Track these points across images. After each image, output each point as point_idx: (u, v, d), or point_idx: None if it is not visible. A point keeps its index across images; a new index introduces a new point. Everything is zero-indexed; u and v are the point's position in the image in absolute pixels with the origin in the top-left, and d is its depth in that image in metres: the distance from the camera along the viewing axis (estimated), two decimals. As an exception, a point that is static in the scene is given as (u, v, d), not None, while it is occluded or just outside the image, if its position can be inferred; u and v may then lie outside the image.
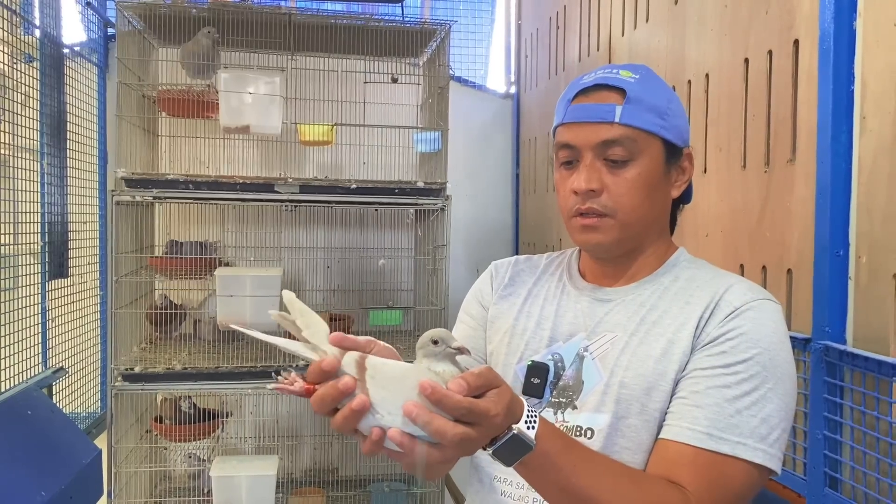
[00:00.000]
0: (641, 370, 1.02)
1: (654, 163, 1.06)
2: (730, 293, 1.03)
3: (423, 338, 0.84)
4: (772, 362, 0.98)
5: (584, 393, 1.06)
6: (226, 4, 2.74)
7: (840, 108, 1.35)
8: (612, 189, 1.05)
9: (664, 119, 1.06)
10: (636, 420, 1.01)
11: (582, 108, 1.07)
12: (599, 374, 1.06)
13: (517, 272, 1.26)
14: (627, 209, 1.06)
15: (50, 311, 2.52)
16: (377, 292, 3.27)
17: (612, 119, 1.04)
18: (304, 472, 3.23)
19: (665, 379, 1.01)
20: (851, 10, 1.34)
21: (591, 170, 1.06)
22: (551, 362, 1.11)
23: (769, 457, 0.96)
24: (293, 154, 3.10)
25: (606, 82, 1.07)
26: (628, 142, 1.04)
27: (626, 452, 1.01)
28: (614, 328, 1.08)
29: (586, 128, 1.06)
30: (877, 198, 1.28)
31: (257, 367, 2.63)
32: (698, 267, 1.14)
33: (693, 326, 1.02)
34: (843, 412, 1.34)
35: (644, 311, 1.08)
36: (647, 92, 1.06)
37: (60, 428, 2.14)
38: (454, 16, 3.53)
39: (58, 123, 2.57)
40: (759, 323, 1.00)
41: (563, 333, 1.13)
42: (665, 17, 2.05)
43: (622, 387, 1.03)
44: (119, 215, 2.60)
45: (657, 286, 1.11)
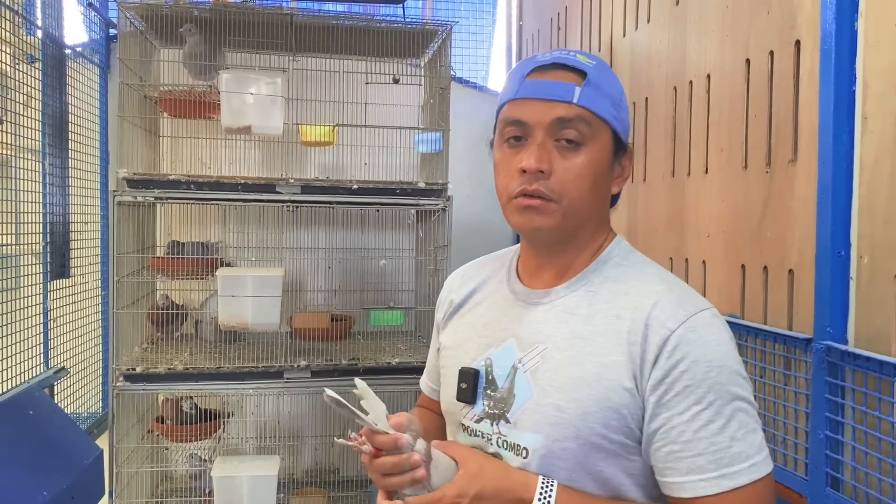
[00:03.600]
0: (576, 395, 0.99)
1: (603, 152, 1.03)
2: (659, 310, 0.98)
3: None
4: (729, 373, 0.96)
5: (516, 407, 1.04)
6: (227, 5, 2.74)
7: (842, 109, 1.35)
8: (560, 173, 1.00)
9: (617, 110, 1.03)
10: (572, 444, 0.99)
11: (538, 84, 1.02)
12: (530, 390, 1.03)
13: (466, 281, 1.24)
14: (574, 196, 1.01)
15: (52, 312, 2.52)
16: (378, 293, 3.27)
17: (570, 98, 1.00)
18: (305, 473, 3.24)
19: (600, 406, 0.98)
20: (853, 11, 1.34)
21: (542, 149, 1.00)
22: (483, 367, 1.10)
23: (769, 459, 0.97)
24: (295, 155, 3.11)
25: (566, 62, 1.03)
26: (583, 124, 1.00)
27: (561, 472, 1.00)
28: (546, 339, 1.05)
29: (541, 104, 1.01)
30: (878, 198, 1.29)
31: (259, 367, 2.64)
32: (629, 264, 1.08)
33: (626, 352, 0.98)
34: (845, 412, 1.34)
35: (573, 322, 1.04)
36: (605, 80, 1.03)
37: (62, 428, 2.15)
38: (455, 16, 3.52)
39: (60, 124, 2.57)
40: (703, 343, 0.96)
41: (497, 339, 1.10)
42: (666, 18, 2.05)
43: (557, 410, 1.00)
44: (121, 216, 2.60)
45: (586, 289, 1.06)
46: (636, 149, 2.24)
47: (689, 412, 0.95)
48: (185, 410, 2.75)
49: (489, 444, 1.06)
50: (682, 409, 0.95)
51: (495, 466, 1.01)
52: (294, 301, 3.13)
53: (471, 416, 1.09)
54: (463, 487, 0.98)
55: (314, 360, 2.69)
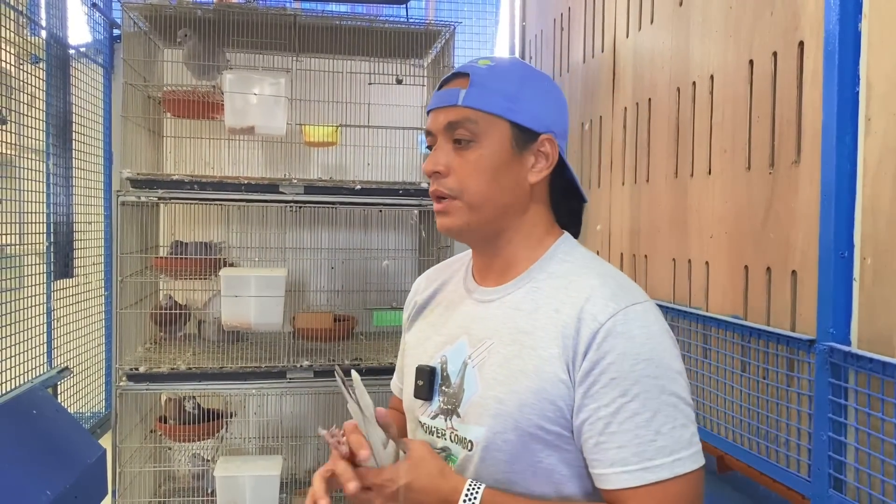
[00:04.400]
0: (515, 387, 1.02)
1: (500, 144, 1.07)
2: (591, 304, 1.01)
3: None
4: (659, 368, 0.97)
5: (465, 402, 1.07)
6: (231, 5, 2.75)
7: (845, 110, 1.35)
8: (457, 170, 1.07)
9: (513, 102, 1.07)
10: (511, 435, 1.01)
11: (437, 95, 1.11)
12: (476, 384, 1.06)
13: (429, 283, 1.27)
14: (472, 190, 1.07)
15: (55, 311, 2.52)
16: (381, 293, 3.28)
17: (455, 102, 1.07)
18: (307, 473, 3.24)
19: (537, 397, 1.00)
20: (857, 12, 1.34)
21: (440, 152, 1.09)
22: (438, 364, 1.13)
23: (698, 456, 0.98)
24: (298, 155, 3.11)
25: (460, 70, 1.11)
26: (470, 123, 1.06)
27: (502, 464, 1.03)
28: (492, 335, 1.08)
29: (437, 113, 1.10)
30: (882, 199, 1.28)
31: (261, 367, 2.64)
32: (572, 260, 1.11)
33: (560, 345, 1.01)
34: (848, 414, 1.34)
35: (518, 318, 1.07)
36: (496, 77, 1.08)
37: (65, 427, 2.15)
38: (458, 17, 3.53)
39: (63, 124, 2.58)
40: (631, 336, 0.98)
41: (452, 336, 1.14)
42: (669, 19, 2.05)
43: (498, 402, 1.03)
44: (124, 216, 2.61)
45: (532, 285, 1.09)
46: (639, 149, 2.24)
47: (615, 404, 0.97)
48: (187, 410, 2.75)
49: (441, 439, 1.09)
50: (607, 401, 0.97)
51: (434, 465, 1.03)
52: (297, 301, 3.14)
53: (428, 412, 1.12)
54: (396, 474, 1.00)
55: (317, 361, 2.69)
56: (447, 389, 1.10)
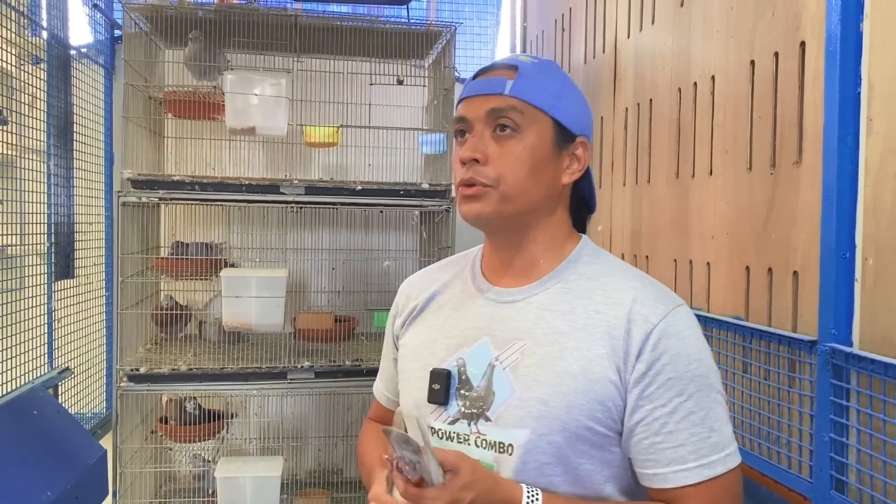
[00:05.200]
0: (561, 388, 1.01)
1: (541, 139, 1.06)
2: (640, 305, 1.02)
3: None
4: (707, 367, 1.01)
5: (497, 405, 1.04)
6: (232, 6, 2.75)
7: (847, 110, 1.34)
8: (496, 160, 1.05)
9: (557, 100, 1.07)
10: (558, 436, 1.00)
11: (478, 83, 1.09)
12: (512, 386, 1.04)
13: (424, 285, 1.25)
14: (510, 181, 1.05)
15: (56, 312, 2.53)
16: (382, 294, 3.27)
17: (502, 90, 1.06)
18: (308, 474, 3.24)
19: (586, 398, 1.00)
20: (858, 12, 1.33)
21: (479, 139, 1.07)
22: (455, 367, 1.10)
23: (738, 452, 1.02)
24: (299, 155, 3.11)
25: (504, 62, 1.11)
26: (515, 112, 1.05)
27: (543, 467, 1.02)
28: (523, 336, 1.06)
29: (478, 99, 1.08)
30: (883, 200, 1.28)
31: (262, 368, 2.64)
32: (601, 262, 1.12)
33: (608, 346, 1.01)
34: (850, 415, 1.34)
35: (552, 318, 1.06)
36: (541, 74, 1.08)
37: (66, 428, 2.15)
38: (460, 17, 3.53)
39: (64, 125, 2.58)
40: (681, 337, 1.01)
41: (469, 338, 1.11)
42: (671, 20, 2.05)
43: (542, 404, 1.01)
44: (125, 216, 2.61)
45: (561, 286, 1.09)
46: (640, 150, 2.24)
47: (671, 404, 0.99)
48: (188, 411, 2.75)
49: (463, 445, 1.06)
50: (664, 401, 0.99)
51: (487, 475, 1.00)
52: (298, 302, 3.13)
53: (443, 417, 1.09)
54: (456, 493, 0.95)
55: (318, 361, 2.69)
56: (468, 393, 1.07)
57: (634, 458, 1.02)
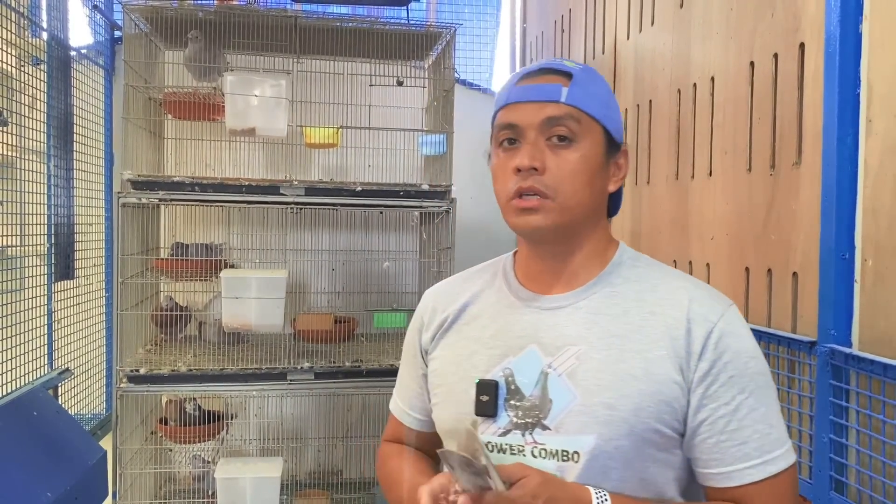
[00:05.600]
0: (627, 391, 0.99)
1: (595, 149, 1.05)
2: (698, 304, 1.02)
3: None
4: (763, 362, 1.02)
5: (556, 412, 1.01)
6: (232, 7, 2.75)
7: (846, 111, 1.35)
8: (553, 170, 1.02)
9: (607, 109, 1.06)
10: (625, 441, 0.98)
11: (527, 88, 1.05)
12: (572, 392, 1.01)
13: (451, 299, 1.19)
14: (569, 192, 1.02)
15: (56, 313, 2.53)
16: (382, 294, 3.27)
17: (558, 98, 1.03)
18: (308, 475, 3.24)
19: (653, 400, 0.99)
20: (857, 13, 1.34)
21: (535, 148, 1.03)
22: (502, 378, 1.06)
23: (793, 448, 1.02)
24: (298, 156, 3.11)
25: (552, 66, 1.07)
26: (572, 121, 1.03)
27: (611, 472, 0.99)
28: (576, 341, 1.04)
29: (531, 106, 1.04)
30: (883, 201, 1.28)
31: (262, 368, 2.64)
32: (644, 265, 1.11)
33: (669, 346, 1.00)
34: (849, 416, 1.34)
35: (606, 322, 1.04)
36: (591, 81, 1.07)
37: (66, 429, 2.15)
38: (459, 19, 3.53)
39: (64, 126, 2.58)
40: (738, 334, 1.01)
41: (513, 347, 1.07)
42: (670, 21, 2.05)
43: (608, 408, 0.99)
44: (125, 217, 2.61)
45: (609, 290, 1.07)
46: (640, 151, 2.24)
47: (735, 401, 0.98)
48: (188, 412, 2.75)
49: (516, 456, 1.02)
50: (727, 399, 0.98)
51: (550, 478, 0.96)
52: (297, 303, 3.13)
53: (492, 430, 1.05)
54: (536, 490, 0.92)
55: (317, 362, 2.69)
56: (519, 403, 1.04)
57: (697, 457, 1.00)
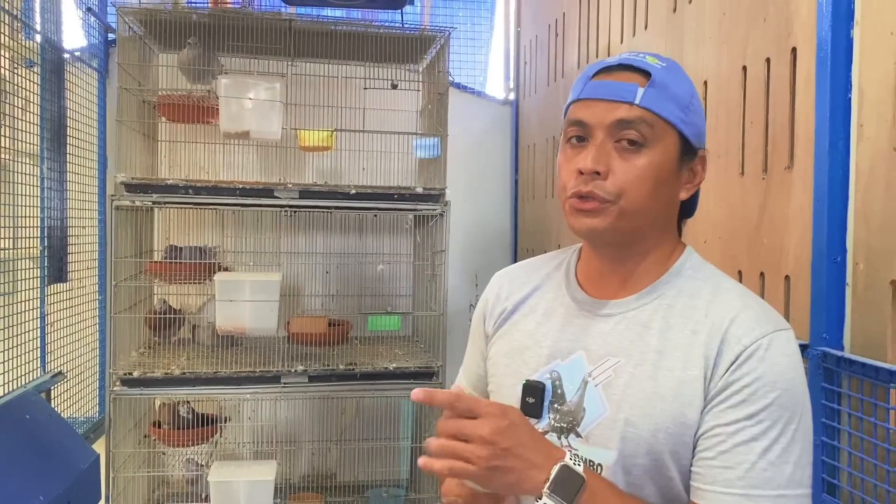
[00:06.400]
0: (649, 410, 0.97)
1: (667, 155, 0.99)
2: (736, 326, 0.96)
3: None
4: (793, 400, 0.93)
5: (587, 422, 1.01)
6: (226, 10, 2.75)
7: (837, 116, 1.36)
8: (618, 174, 0.98)
9: (685, 113, 1.00)
10: (643, 459, 0.97)
11: (602, 84, 1.00)
12: (604, 405, 1.00)
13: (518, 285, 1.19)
14: (631, 197, 0.98)
15: (49, 316, 2.52)
16: (376, 297, 3.28)
17: (632, 99, 0.98)
18: (302, 478, 3.23)
19: (675, 422, 0.96)
20: (849, 19, 1.35)
21: (601, 150, 0.98)
22: (549, 381, 1.05)
23: (806, 498, 0.94)
24: (293, 159, 3.11)
25: (632, 63, 1.01)
26: (645, 126, 0.97)
27: (632, 488, 0.98)
28: (617, 352, 1.02)
29: (603, 105, 0.99)
30: (874, 205, 1.29)
31: (256, 372, 2.64)
32: (703, 278, 1.05)
33: (702, 367, 0.96)
34: (841, 418, 1.35)
35: (648, 336, 1.01)
36: (672, 81, 1.00)
37: (58, 432, 2.14)
38: (454, 22, 3.54)
39: (58, 128, 2.57)
40: (773, 363, 0.93)
41: (562, 350, 1.06)
42: (664, 25, 2.06)
43: (629, 425, 0.97)
44: (118, 220, 2.60)
45: (660, 301, 1.03)
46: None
47: (737, 425, 0.93)
48: (182, 415, 2.75)
49: None
50: (729, 420, 0.93)
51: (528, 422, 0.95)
52: (292, 306, 3.13)
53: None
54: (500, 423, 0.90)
55: (311, 365, 2.69)
56: (560, 406, 1.04)
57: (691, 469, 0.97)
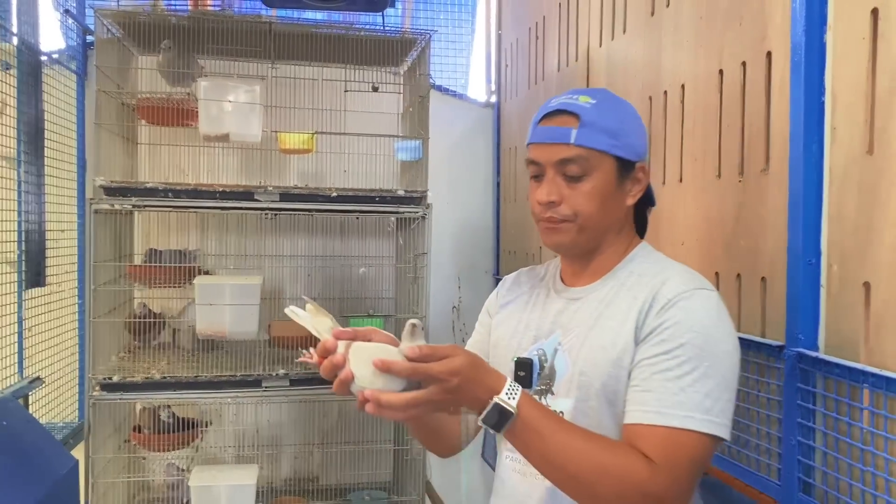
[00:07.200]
0: (594, 359, 1.21)
1: (606, 177, 1.24)
2: (665, 287, 1.19)
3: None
4: (706, 343, 1.13)
5: (557, 381, 1.26)
6: (205, 13, 2.74)
7: (811, 119, 1.37)
8: (569, 200, 1.24)
9: (616, 139, 1.23)
10: (594, 402, 1.20)
11: (544, 130, 1.26)
12: (567, 364, 1.25)
13: (517, 284, 1.47)
14: (584, 216, 1.25)
15: (27, 321, 2.49)
16: (359, 300, 3.27)
17: (567, 140, 1.22)
18: (284, 482, 3.22)
19: (613, 365, 1.19)
20: (822, 23, 1.36)
21: (552, 184, 1.25)
22: (536, 357, 1.30)
23: (715, 426, 1.11)
24: (275, 162, 3.10)
25: (566, 108, 1.25)
26: (582, 160, 1.22)
27: (591, 427, 1.17)
28: (580, 324, 1.27)
29: (547, 147, 1.25)
30: (847, 207, 1.31)
31: (236, 376, 2.62)
32: (652, 261, 1.30)
33: (634, 319, 1.19)
34: (816, 418, 1.36)
35: (602, 307, 1.26)
36: (601, 116, 1.23)
37: (36, 438, 2.12)
38: (435, 25, 3.54)
39: (35, 131, 2.55)
40: (689, 311, 1.15)
41: (545, 331, 1.32)
42: (642, 28, 2.08)
43: (582, 375, 1.22)
44: (97, 224, 2.58)
45: (615, 282, 1.28)
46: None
47: (656, 358, 1.14)
48: (162, 419, 2.73)
49: None
50: (650, 355, 1.15)
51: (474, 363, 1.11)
52: (274, 309, 3.12)
53: None
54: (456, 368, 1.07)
55: (293, 369, 2.68)
56: (542, 374, 1.29)
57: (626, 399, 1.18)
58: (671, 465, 1.09)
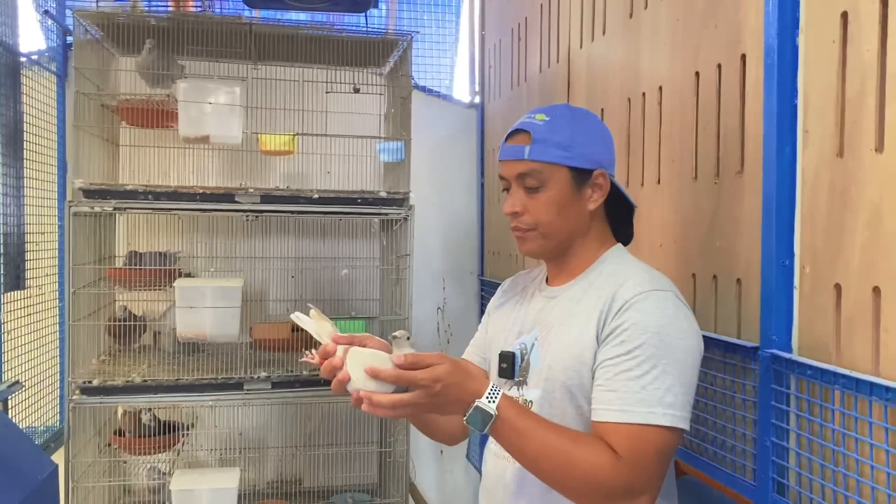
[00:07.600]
0: (561, 355, 1.33)
1: (561, 186, 1.36)
2: (623, 288, 1.29)
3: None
4: (662, 342, 1.23)
5: (531, 373, 1.38)
6: (186, 14, 2.73)
7: (784, 122, 1.38)
8: (530, 210, 1.38)
9: (568, 151, 1.35)
10: (558, 394, 1.32)
11: (506, 148, 1.40)
12: (539, 358, 1.37)
13: (513, 286, 1.61)
14: (545, 224, 1.38)
15: (6, 324, 2.47)
16: (343, 302, 3.26)
17: (522, 157, 1.36)
18: (268, 484, 3.21)
19: (576, 360, 1.30)
20: (794, 27, 1.37)
21: (515, 196, 1.40)
22: (518, 350, 1.43)
23: (676, 418, 1.21)
24: (257, 164, 3.09)
25: (522, 127, 1.39)
26: (536, 173, 1.36)
27: (553, 418, 1.29)
28: (554, 321, 1.39)
29: (509, 164, 1.39)
30: (819, 209, 1.32)
31: (218, 378, 2.61)
32: (619, 263, 1.41)
33: (597, 319, 1.29)
34: (790, 419, 1.37)
35: (572, 305, 1.37)
36: (553, 131, 1.36)
37: (15, 443, 2.10)
38: (418, 26, 3.54)
39: (14, 133, 2.53)
40: (645, 312, 1.25)
41: (528, 327, 1.44)
42: (621, 31, 2.08)
43: (550, 369, 1.34)
44: (77, 226, 2.56)
45: (586, 282, 1.40)
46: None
47: (617, 359, 1.24)
48: (144, 423, 2.71)
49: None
50: (612, 356, 1.25)
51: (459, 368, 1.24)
52: (256, 311, 3.11)
53: (508, 386, 1.43)
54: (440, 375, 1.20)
55: (274, 371, 2.67)
56: (522, 366, 1.41)
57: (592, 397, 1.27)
58: (637, 459, 1.19)
